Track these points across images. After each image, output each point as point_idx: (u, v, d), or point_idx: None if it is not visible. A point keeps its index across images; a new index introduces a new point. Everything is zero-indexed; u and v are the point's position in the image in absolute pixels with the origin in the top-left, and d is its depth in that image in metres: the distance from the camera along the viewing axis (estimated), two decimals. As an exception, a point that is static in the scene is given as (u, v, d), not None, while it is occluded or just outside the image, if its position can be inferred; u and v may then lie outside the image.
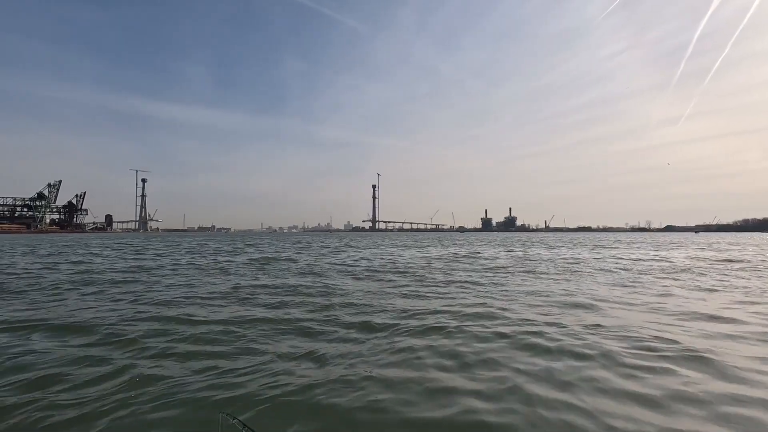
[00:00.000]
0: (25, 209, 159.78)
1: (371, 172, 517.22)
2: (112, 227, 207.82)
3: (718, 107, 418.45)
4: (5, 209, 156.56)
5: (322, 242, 44.82)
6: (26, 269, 14.05)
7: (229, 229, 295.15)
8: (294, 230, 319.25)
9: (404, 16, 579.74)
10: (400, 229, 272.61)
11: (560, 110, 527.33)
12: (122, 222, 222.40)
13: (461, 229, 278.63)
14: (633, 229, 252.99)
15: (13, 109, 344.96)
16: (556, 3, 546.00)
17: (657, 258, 19.44)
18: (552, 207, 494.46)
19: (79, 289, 9.55)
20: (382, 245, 35.08)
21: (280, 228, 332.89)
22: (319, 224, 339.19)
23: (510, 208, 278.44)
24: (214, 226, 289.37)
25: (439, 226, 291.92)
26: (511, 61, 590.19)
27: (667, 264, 16.41)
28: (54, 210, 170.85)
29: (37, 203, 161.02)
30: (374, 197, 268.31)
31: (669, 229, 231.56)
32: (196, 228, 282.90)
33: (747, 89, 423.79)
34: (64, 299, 8.14)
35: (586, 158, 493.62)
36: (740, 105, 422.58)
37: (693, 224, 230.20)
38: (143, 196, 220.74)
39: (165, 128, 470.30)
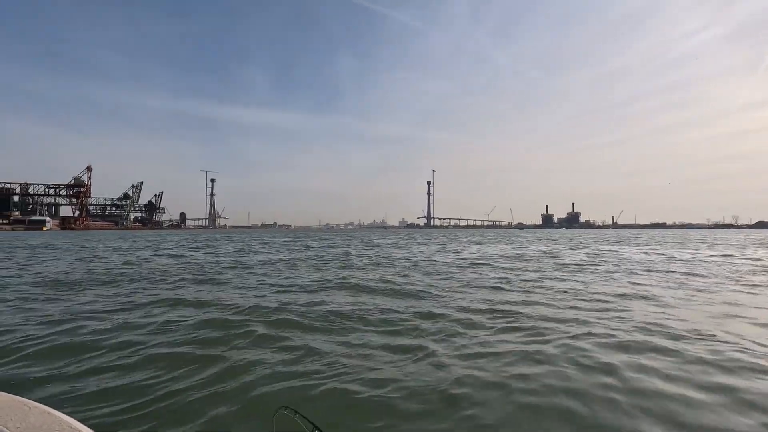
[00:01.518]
0: (114, 208, 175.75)
1: (426, 167, 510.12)
2: (185, 224, 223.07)
3: None
4: (98, 208, 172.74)
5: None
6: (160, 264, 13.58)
7: (290, 225, 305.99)
8: (350, 227, 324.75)
9: (458, 8, 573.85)
10: (456, 226, 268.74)
11: (630, 96, 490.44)
12: (194, 219, 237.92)
13: (520, 226, 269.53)
14: (717, 226, 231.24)
15: (100, 117, 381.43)
16: None
17: None
18: (620, 202, 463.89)
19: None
20: (460, 242, 33.00)
21: (337, 225, 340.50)
22: (374, 221, 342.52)
23: (573, 204, 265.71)
24: (275, 223, 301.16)
25: (497, 223, 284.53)
26: (574, 47, 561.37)
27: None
28: (137, 209, 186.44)
29: (123, 203, 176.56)
30: (429, 193, 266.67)
31: (761, 225, 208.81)
32: (260, 225, 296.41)
33: None
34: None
35: (660, 148, 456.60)
36: None
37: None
38: (212, 195, 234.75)
39: (231, 130, 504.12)
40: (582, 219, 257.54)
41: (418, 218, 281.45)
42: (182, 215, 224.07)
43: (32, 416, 1.33)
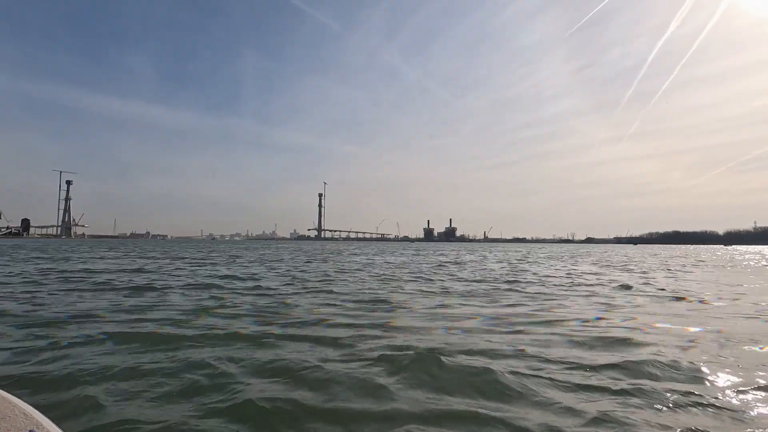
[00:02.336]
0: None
1: (322, 179, 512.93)
2: (29, 233, 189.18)
3: (655, 129, 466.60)
4: None
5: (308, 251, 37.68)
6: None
7: (166, 236, 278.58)
8: (236, 238, 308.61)
9: (376, 18, 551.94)
10: (347, 238, 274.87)
11: (518, 124, 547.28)
12: (41, 227, 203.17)
13: (406, 239, 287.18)
14: (559, 240, 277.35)
15: None
16: (529, 16, 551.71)
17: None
18: (492, 218, 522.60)
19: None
20: (365, 253, 30.27)
21: (221, 236, 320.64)
22: (264, 232, 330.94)
23: (450, 219, 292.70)
24: (149, 233, 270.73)
25: (384, 236, 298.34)
26: (478, 73, 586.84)
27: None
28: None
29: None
30: (320, 205, 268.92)
31: (588, 240, 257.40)
32: (129, 234, 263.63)
33: (682, 113, 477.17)
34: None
35: (530, 173, 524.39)
36: (670, 128, 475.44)
37: (612, 236, 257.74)
38: (67, 199, 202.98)
39: (98, 124, 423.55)
40: (458, 233, 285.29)
41: (309, 230, 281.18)
42: (25, 222, 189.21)
43: None
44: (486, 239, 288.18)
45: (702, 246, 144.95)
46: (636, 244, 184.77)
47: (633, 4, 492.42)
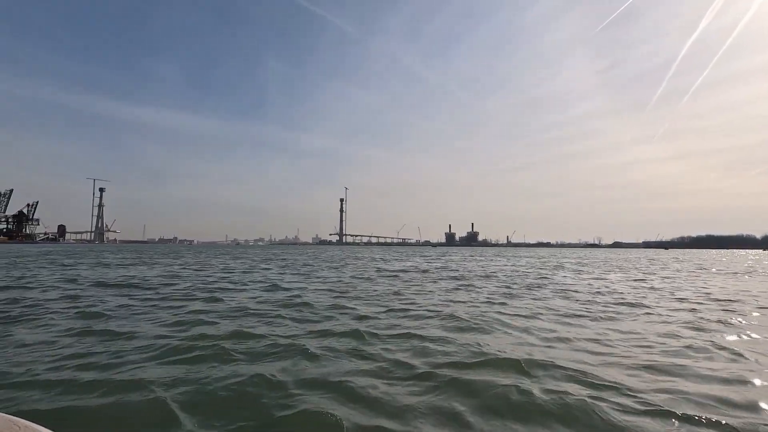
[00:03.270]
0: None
1: (345, 183, 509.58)
2: (64, 238, 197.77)
3: (687, 128, 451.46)
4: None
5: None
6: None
7: (192, 241, 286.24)
8: (260, 243, 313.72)
9: (397, 23, 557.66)
10: (368, 243, 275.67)
11: (542, 126, 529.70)
12: (76, 233, 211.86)
13: (427, 244, 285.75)
14: (585, 245, 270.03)
15: None
16: (553, 15, 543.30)
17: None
18: (515, 222, 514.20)
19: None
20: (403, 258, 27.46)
21: (246, 240, 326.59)
22: (286, 237, 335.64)
23: (472, 224, 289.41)
24: (176, 238, 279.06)
25: (406, 240, 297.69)
26: (500, 74, 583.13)
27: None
28: (2, 220, 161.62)
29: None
30: (341, 210, 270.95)
31: (616, 245, 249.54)
32: (157, 239, 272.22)
33: (716, 111, 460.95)
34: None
35: (554, 175, 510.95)
36: (703, 127, 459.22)
37: (641, 240, 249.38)
38: (100, 205, 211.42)
39: (130, 132, 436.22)
40: (480, 238, 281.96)
41: (331, 235, 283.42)
42: (61, 228, 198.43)
43: None
44: (509, 244, 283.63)
45: (740, 251, 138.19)
46: (667, 249, 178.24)
47: (662, 0, 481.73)
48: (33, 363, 4.50)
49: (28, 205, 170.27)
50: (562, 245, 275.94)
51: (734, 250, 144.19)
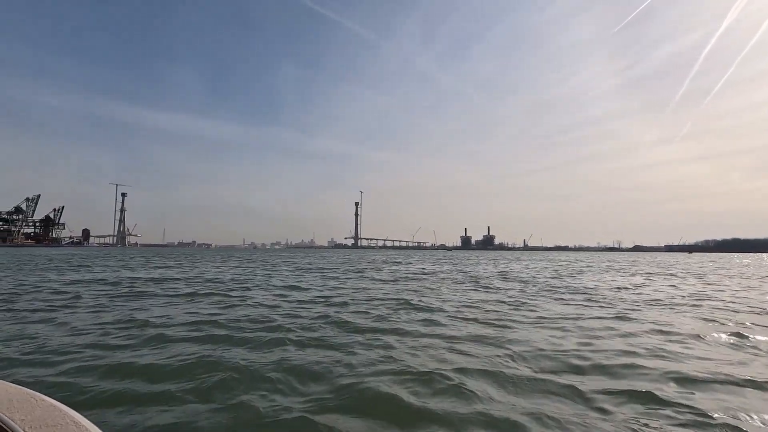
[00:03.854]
0: (1, 222, 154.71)
1: (359, 186, 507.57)
2: (88, 242, 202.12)
3: (710, 128, 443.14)
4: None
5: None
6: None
7: (210, 244, 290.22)
8: (276, 246, 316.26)
9: (411, 25, 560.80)
10: (384, 247, 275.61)
11: (558, 127, 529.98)
12: (99, 236, 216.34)
13: (443, 247, 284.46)
14: (605, 249, 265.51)
15: None
16: (570, 15, 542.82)
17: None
18: (531, 225, 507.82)
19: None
20: (416, 262, 26.92)
21: (263, 244, 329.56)
22: (302, 240, 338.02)
23: (488, 227, 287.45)
24: (194, 242, 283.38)
25: (421, 244, 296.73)
26: (516, 76, 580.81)
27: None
28: (30, 224, 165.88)
29: (14, 217, 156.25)
30: (356, 214, 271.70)
31: (637, 248, 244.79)
32: (176, 243, 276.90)
33: (741, 111, 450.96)
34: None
35: (570, 177, 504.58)
36: (728, 127, 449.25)
37: (662, 244, 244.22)
38: (122, 210, 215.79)
39: (149, 137, 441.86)
40: (496, 241, 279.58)
41: (346, 238, 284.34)
42: (85, 232, 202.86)
43: (38, 409, 1.38)
44: (526, 247, 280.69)
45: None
46: (691, 252, 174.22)
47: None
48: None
49: (54, 209, 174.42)
50: (580, 249, 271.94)
51: (763, 254, 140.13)
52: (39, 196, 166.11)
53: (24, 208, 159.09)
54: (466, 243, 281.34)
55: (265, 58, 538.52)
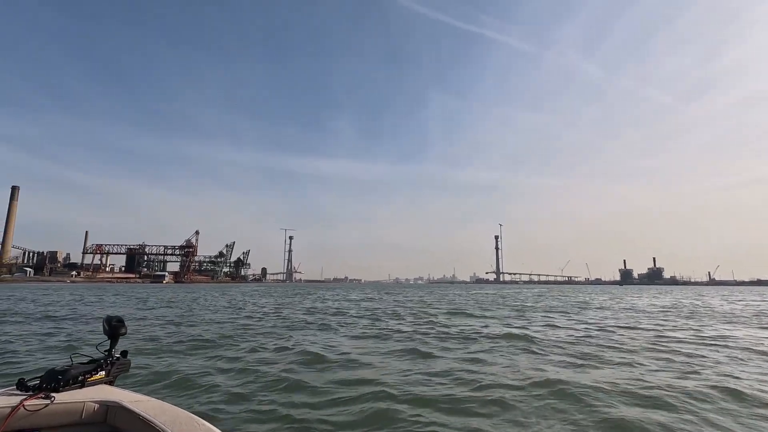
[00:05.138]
0: (209, 264, 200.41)
1: (506, 216, 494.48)
2: (266, 278, 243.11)
3: None
4: (197, 264, 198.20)
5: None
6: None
7: (360, 280, 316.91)
8: (419, 281, 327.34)
9: (573, 31, 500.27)
10: (529, 282, 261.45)
11: None
12: (273, 274, 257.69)
13: (598, 282, 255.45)
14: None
15: (197, 174, 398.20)
16: None
17: None
18: (718, 256, 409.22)
19: None
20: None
21: (406, 279, 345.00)
22: (444, 276, 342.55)
23: (654, 258, 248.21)
24: (346, 277, 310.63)
25: (572, 279, 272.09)
26: (718, 66, 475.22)
27: None
28: (229, 264, 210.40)
29: (218, 260, 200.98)
30: (497, 248, 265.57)
31: None
32: (332, 279, 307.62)
33: None
34: None
35: None
36: None
37: None
38: (290, 251, 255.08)
39: (310, 182, 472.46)
40: (666, 274, 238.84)
41: (487, 273, 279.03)
42: (264, 270, 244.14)
43: None
44: (712, 282, 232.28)
45: None
46: None
47: None
48: None
49: (243, 252, 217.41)
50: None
51: None
52: (234, 242, 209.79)
53: (225, 252, 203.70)
54: (625, 277, 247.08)
55: (415, 93, 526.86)
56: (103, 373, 2.34)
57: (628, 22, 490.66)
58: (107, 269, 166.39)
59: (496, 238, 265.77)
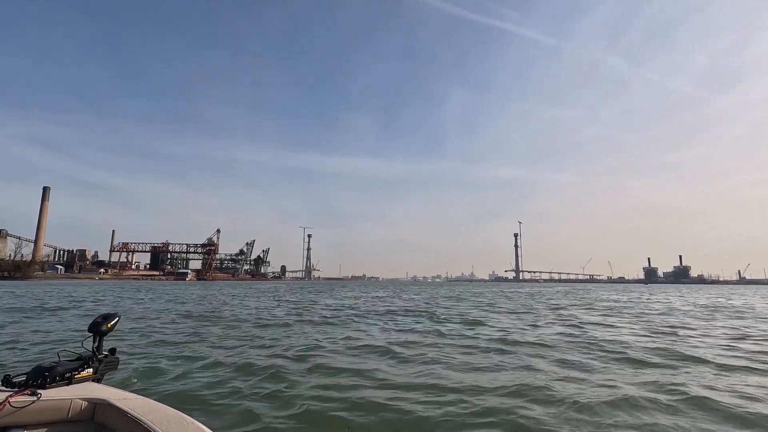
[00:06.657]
0: (230, 262, 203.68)
1: (525, 214, 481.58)
2: (285, 276, 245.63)
3: None
4: (218, 262, 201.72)
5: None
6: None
7: (378, 278, 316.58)
8: (437, 279, 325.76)
9: (595, 23, 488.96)
10: (549, 280, 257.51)
11: None
12: (292, 271, 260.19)
13: (621, 280, 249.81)
14: None
15: (219, 173, 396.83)
16: None
17: None
18: (749, 253, 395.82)
19: None
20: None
21: (424, 277, 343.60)
22: (462, 274, 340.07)
23: (680, 256, 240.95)
24: (364, 275, 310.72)
25: (593, 277, 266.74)
26: (751, 54, 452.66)
27: None
28: (248, 262, 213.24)
29: (239, 257, 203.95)
30: (516, 246, 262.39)
31: None
32: (350, 277, 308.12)
33: None
34: None
35: None
36: None
37: None
38: (308, 249, 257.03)
39: (329, 181, 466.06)
40: (693, 273, 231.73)
41: (506, 271, 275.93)
42: (283, 268, 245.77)
43: None
44: (742, 280, 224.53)
45: None
46: None
47: None
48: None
49: (263, 250, 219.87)
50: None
51: None
52: (254, 241, 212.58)
53: (245, 250, 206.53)
54: (650, 275, 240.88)
55: (433, 89, 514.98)
56: (91, 370, 2.37)
57: (654, 12, 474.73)
58: (133, 267, 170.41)
59: (516, 235, 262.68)
